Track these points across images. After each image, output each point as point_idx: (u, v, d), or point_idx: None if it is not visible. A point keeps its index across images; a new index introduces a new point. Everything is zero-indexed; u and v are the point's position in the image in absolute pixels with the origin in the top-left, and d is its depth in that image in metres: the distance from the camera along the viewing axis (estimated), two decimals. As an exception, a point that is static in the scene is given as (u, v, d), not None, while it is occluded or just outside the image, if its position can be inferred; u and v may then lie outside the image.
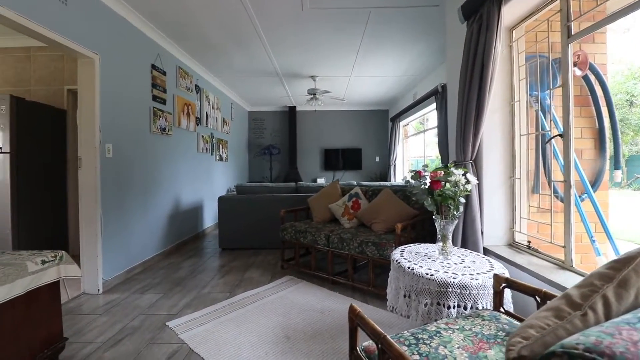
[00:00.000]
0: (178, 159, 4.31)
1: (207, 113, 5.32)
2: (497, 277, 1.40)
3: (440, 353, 1.06)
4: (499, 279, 1.38)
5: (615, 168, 2.22)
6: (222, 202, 4.12)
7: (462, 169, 1.72)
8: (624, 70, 3.22)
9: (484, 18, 2.12)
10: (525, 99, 2.30)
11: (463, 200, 1.75)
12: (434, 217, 1.83)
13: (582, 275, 1.71)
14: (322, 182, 6.22)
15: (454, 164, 1.88)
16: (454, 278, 1.51)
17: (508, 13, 2.18)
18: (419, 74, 5.51)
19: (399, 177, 7.54)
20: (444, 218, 1.78)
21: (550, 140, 2.11)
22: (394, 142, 7.31)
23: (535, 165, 2.33)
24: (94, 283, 2.72)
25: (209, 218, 5.45)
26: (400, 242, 2.45)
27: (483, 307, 1.50)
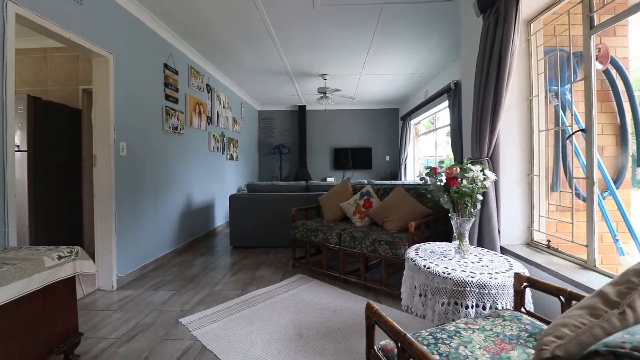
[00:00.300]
0: (190, 158, 4.34)
1: (218, 112, 5.35)
2: (518, 276, 1.35)
3: (461, 353, 1.03)
4: (521, 278, 1.34)
5: (638, 165, 2.14)
6: (233, 200, 4.13)
7: (479, 165, 1.68)
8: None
9: (501, 11, 2.06)
10: (544, 94, 2.24)
11: (481, 198, 1.71)
12: (450, 214, 1.79)
13: (606, 275, 1.64)
14: (331, 181, 6.18)
15: (471, 161, 1.83)
16: (472, 277, 1.47)
17: (526, 6, 2.12)
18: (431, 72, 5.44)
19: (410, 176, 7.45)
20: (461, 216, 1.74)
21: (571, 136, 2.04)
22: (405, 141, 7.23)
23: (554, 162, 2.26)
24: (109, 279, 2.75)
25: (220, 217, 5.48)
26: (414, 240, 2.41)
27: (503, 307, 1.45)
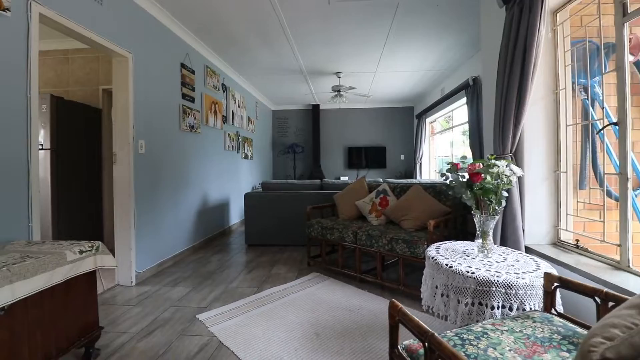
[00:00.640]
0: (205, 156, 4.38)
1: (233, 111, 5.39)
2: (548, 275, 1.28)
3: (490, 355, 0.98)
4: (551, 278, 1.27)
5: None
6: (248, 198, 4.14)
7: (505, 160, 1.61)
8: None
9: (526, 0, 1.98)
10: (571, 87, 2.14)
11: (506, 194, 1.64)
12: (473, 212, 1.72)
13: (642, 277, 1.55)
14: (345, 180, 6.14)
15: (494, 157, 1.76)
16: (498, 277, 1.41)
17: (552, -6, 2.03)
18: (448, 68, 5.32)
19: (425, 175, 7.33)
20: (484, 213, 1.67)
21: (602, 130, 1.94)
22: (420, 139, 7.11)
23: (581, 158, 2.16)
24: (128, 275, 2.80)
25: (235, 215, 5.52)
26: (433, 239, 2.34)
27: (531, 308, 1.38)
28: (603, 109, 1.93)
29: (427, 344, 0.84)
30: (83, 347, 1.72)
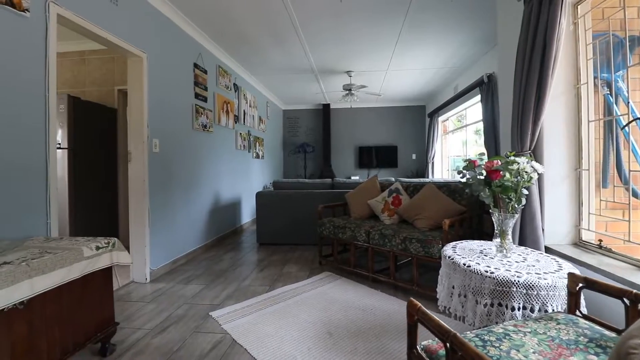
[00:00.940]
0: (218, 155, 4.41)
1: (244, 111, 5.41)
2: (573, 276, 1.23)
3: (514, 357, 0.94)
4: (576, 279, 1.22)
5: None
6: (260, 197, 4.15)
7: (526, 157, 1.56)
8: None
9: (546, -7, 1.92)
10: (593, 82, 2.06)
11: (526, 192, 1.59)
12: (491, 210, 1.68)
13: (672, 279, 1.48)
14: (356, 179, 6.10)
15: (514, 154, 1.71)
16: (518, 277, 1.36)
17: (573, -14, 1.96)
18: (461, 65, 5.23)
19: (438, 174, 7.23)
20: (503, 212, 1.63)
21: (627, 127, 1.87)
22: (432, 138, 7.02)
23: (604, 156, 2.08)
24: (142, 272, 2.83)
25: (247, 214, 5.54)
26: (448, 239, 2.30)
27: (553, 310, 1.33)
28: (628, 104, 1.86)
29: (449, 345, 0.81)
30: (99, 342, 1.74)
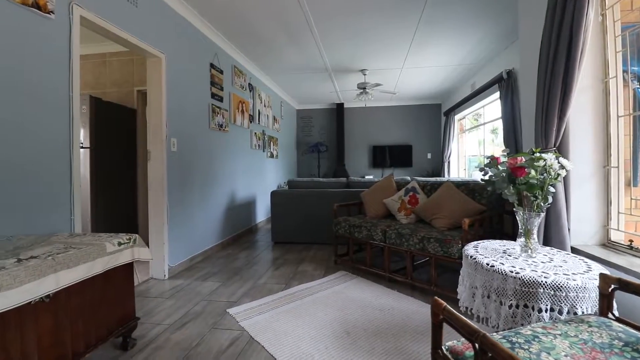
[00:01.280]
0: (233, 155, 4.45)
1: (259, 111, 5.45)
2: (605, 277, 1.17)
3: (545, 360, 0.90)
4: (609, 280, 1.16)
5: None
6: (274, 196, 4.17)
7: (553, 153, 1.50)
8: None
9: (573, -17, 1.84)
10: (622, 75, 1.97)
11: (553, 190, 1.53)
12: (515, 209, 1.62)
13: None
14: (370, 178, 6.05)
15: (539, 151, 1.65)
16: (546, 277, 1.31)
17: (602, -25, 1.88)
18: (479, 62, 5.11)
19: (454, 173, 7.10)
20: (528, 210, 1.57)
21: (660, 121, 1.78)
22: (448, 137, 6.89)
23: (634, 152, 1.98)
24: (161, 269, 2.88)
25: (261, 213, 5.58)
26: (468, 239, 2.24)
27: (583, 312, 1.28)
28: (662, 98, 1.76)
29: (477, 345, 0.78)
30: (121, 336, 1.77)
